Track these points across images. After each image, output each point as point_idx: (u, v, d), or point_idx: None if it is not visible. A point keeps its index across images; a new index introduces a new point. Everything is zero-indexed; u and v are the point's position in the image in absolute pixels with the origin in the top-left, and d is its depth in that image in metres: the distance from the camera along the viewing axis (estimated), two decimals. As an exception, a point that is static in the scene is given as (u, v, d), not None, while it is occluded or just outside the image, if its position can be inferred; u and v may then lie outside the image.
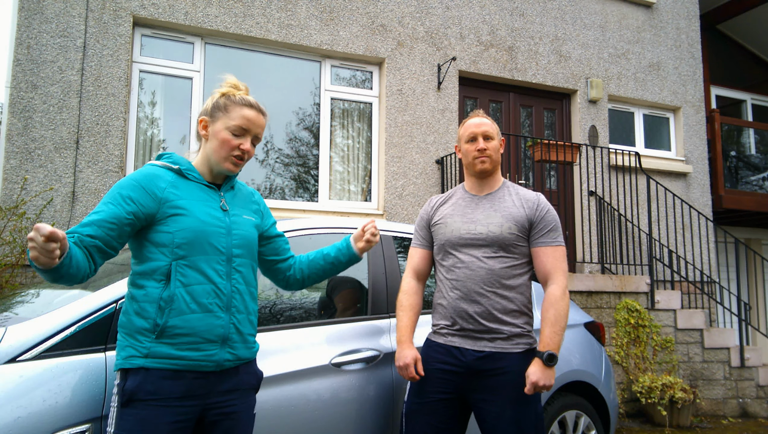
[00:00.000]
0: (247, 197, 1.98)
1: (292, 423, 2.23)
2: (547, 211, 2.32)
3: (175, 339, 1.66)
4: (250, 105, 1.84)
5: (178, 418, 1.65)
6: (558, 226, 2.32)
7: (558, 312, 2.19)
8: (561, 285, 2.25)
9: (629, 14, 7.71)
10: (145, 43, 5.43)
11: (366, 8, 6.18)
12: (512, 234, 2.27)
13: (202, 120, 1.85)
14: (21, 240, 4.50)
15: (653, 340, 5.88)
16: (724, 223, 8.90)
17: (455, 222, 2.35)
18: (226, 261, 1.77)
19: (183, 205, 1.74)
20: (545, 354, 2.13)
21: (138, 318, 1.67)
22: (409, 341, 2.33)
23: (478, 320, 2.23)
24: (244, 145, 1.81)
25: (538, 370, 2.12)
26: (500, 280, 2.25)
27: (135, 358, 1.65)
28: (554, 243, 2.30)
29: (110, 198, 1.69)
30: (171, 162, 1.82)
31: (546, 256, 2.28)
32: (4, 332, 1.80)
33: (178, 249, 1.70)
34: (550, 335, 2.17)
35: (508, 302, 2.24)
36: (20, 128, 4.75)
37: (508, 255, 2.27)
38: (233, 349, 1.76)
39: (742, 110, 10.04)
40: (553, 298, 2.22)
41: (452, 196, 2.48)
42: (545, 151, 6.12)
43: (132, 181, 1.72)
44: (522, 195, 2.36)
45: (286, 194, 5.98)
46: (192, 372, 1.69)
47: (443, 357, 2.28)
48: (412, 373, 2.26)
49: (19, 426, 1.66)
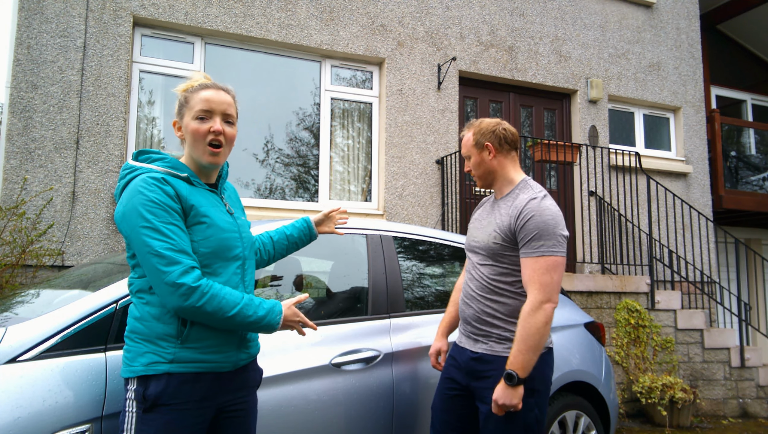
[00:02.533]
0: (235, 194, 1.99)
1: (292, 423, 2.23)
2: (529, 219, 2.12)
3: (198, 343, 1.67)
4: (206, 86, 1.76)
5: (198, 420, 1.67)
6: (543, 235, 2.10)
7: (525, 330, 2.04)
8: (533, 301, 2.07)
9: (629, 14, 7.71)
10: (145, 43, 5.43)
11: (366, 8, 6.18)
12: (496, 243, 2.21)
13: (174, 123, 1.81)
14: (21, 240, 4.50)
15: (653, 340, 5.88)
16: (724, 223, 8.90)
17: (471, 228, 2.44)
18: (241, 266, 1.79)
19: (206, 213, 1.71)
20: (505, 372, 2.05)
21: (159, 324, 1.65)
22: (440, 334, 2.53)
23: (471, 322, 2.30)
24: (213, 126, 1.72)
25: (499, 388, 2.05)
26: (489, 286, 2.25)
27: (159, 364, 1.62)
28: (534, 254, 2.10)
29: (161, 220, 1.60)
30: (171, 167, 1.74)
31: (525, 268, 2.13)
32: (4, 332, 1.80)
33: (202, 259, 1.68)
34: (514, 353, 2.05)
35: (498, 306, 2.23)
36: (20, 128, 4.75)
37: (496, 263, 2.24)
38: (247, 348, 1.82)
39: (742, 110, 10.04)
40: (523, 314, 2.07)
41: (487, 200, 2.49)
42: (545, 151, 6.12)
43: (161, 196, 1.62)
44: (518, 200, 2.22)
45: (287, 194, 5.98)
46: (212, 374, 1.70)
47: (453, 354, 2.39)
48: (433, 364, 2.49)
49: (19, 426, 1.66)
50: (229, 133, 1.76)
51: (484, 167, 2.32)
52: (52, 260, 4.63)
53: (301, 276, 2.89)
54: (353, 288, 2.85)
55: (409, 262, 3.04)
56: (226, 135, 1.75)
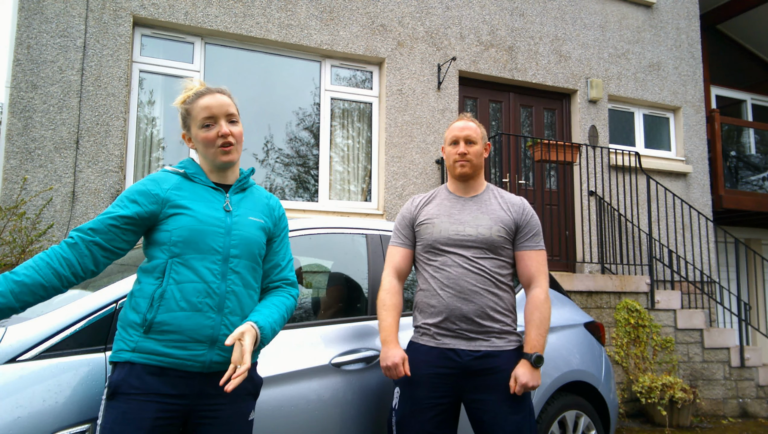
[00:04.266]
0: (261, 200, 1.94)
1: (292, 423, 2.23)
2: (531, 216, 2.38)
3: (162, 335, 1.67)
4: (202, 93, 1.85)
5: (161, 415, 1.64)
6: (540, 231, 2.39)
7: (543, 315, 2.25)
8: (544, 289, 2.30)
9: (629, 14, 7.71)
10: (145, 43, 5.43)
11: (366, 8, 6.18)
12: (500, 236, 2.31)
13: (183, 135, 1.92)
14: (21, 240, 4.50)
15: (653, 340, 5.88)
16: (724, 223, 8.90)
17: (442, 223, 2.34)
18: (222, 261, 1.76)
19: (184, 205, 1.77)
20: (533, 356, 2.19)
21: (131, 313, 1.71)
22: (394, 340, 2.28)
23: (473, 319, 2.23)
24: (220, 130, 1.81)
25: (527, 372, 2.18)
26: (491, 279, 2.27)
27: (123, 352, 1.67)
28: (537, 248, 2.35)
29: (117, 200, 1.77)
30: (179, 166, 1.88)
31: (530, 260, 2.33)
32: (4, 332, 1.80)
33: (174, 247, 1.72)
34: (536, 337, 2.22)
35: (499, 300, 2.28)
36: (20, 128, 4.75)
37: (496, 256, 2.30)
38: (224, 351, 1.72)
39: (742, 110, 10.04)
40: (538, 301, 2.27)
41: (435, 196, 2.48)
42: (545, 151, 6.12)
43: (138, 184, 1.80)
44: (507, 199, 2.41)
45: (286, 194, 5.98)
46: (177, 371, 1.68)
47: (436, 361, 2.24)
48: (401, 372, 2.22)
49: (19, 426, 1.66)
50: (236, 132, 1.85)
51: (481, 160, 2.43)
52: (52, 260, 4.62)
53: (301, 276, 2.89)
54: (353, 288, 2.85)
55: (409, 262, 3.03)
56: (234, 134, 1.84)
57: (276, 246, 1.95)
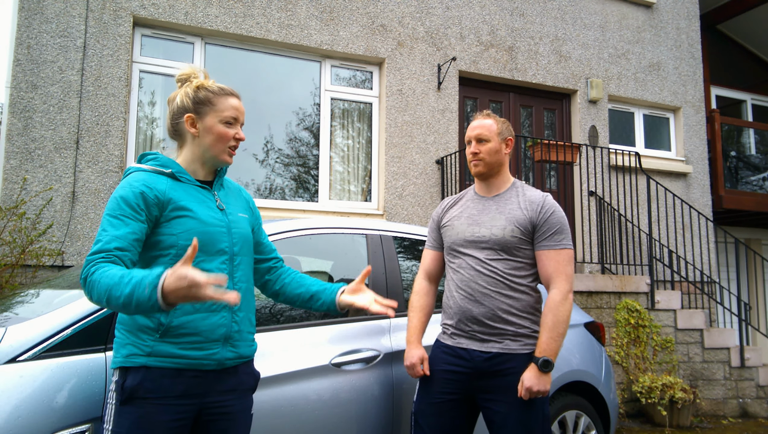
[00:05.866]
0: (237, 193, 1.98)
1: (292, 423, 2.23)
2: (551, 213, 2.26)
3: (178, 338, 1.66)
4: (233, 94, 1.86)
5: (176, 416, 1.65)
6: (564, 229, 2.26)
7: (557, 318, 2.17)
8: (562, 290, 2.20)
9: (629, 14, 7.71)
10: (145, 43, 5.43)
11: (366, 8, 6.18)
12: (514, 237, 2.25)
13: (188, 117, 1.79)
14: (21, 240, 4.50)
15: (653, 340, 5.88)
16: (724, 223, 8.90)
17: (461, 225, 2.36)
18: (229, 261, 1.77)
19: (185, 206, 1.73)
20: (540, 359, 2.13)
21: (141, 317, 1.66)
22: (416, 341, 2.37)
23: (483, 321, 2.23)
24: (239, 134, 1.83)
25: (532, 376, 2.13)
26: (505, 281, 2.24)
27: (137, 356, 1.64)
28: (557, 247, 2.24)
29: (121, 211, 1.64)
30: (159, 164, 1.78)
31: (548, 260, 2.24)
32: (4, 332, 1.80)
33: (182, 251, 1.68)
34: (546, 341, 2.16)
35: (514, 302, 2.24)
36: (20, 128, 4.75)
37: (511, 257, 2.26)
38: (235, 347, 1.76)
39: (742, 110, 10.04)
40: (553, 304, 2.19)
41: (462, 197, 2.49)
42: (545, 151, 6.12)
43: (134, 190, 1.68)
44: (528, 196, 2.33)
45: (286, 194, 5.98)
46: (192, 371, 1.68)
47: (450, 358, 2.29)
48: (418, 372, 2.31)
49: (19, 426, 1.66)
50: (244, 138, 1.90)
51: (497, 157, 2.37)
52: (52, 260, 4.63)
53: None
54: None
55: (409, 262, 3.04)
56: (243, 140, 1.89)
57: (257, 231, 2.02)
